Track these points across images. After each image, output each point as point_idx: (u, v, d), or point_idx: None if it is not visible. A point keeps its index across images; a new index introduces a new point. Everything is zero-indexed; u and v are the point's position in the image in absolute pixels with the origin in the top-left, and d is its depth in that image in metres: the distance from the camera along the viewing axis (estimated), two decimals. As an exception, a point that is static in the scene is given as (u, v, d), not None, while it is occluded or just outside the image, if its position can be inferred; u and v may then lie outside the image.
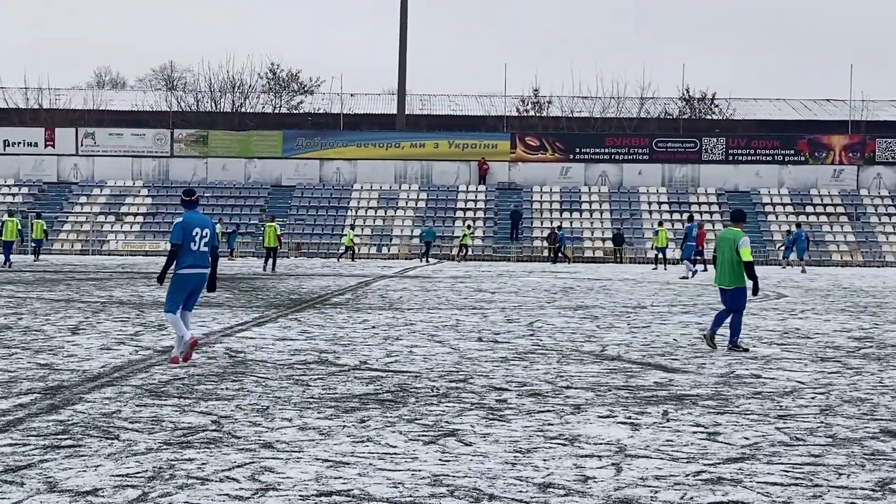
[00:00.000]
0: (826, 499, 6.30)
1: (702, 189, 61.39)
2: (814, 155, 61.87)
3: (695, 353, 13.59)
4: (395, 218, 59.71)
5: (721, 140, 62.73)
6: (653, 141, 63.05)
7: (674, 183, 62.00)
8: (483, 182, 62.52)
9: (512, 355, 13.14)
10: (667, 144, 62.83)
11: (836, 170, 61.63)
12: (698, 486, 6.56)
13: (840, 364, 12.73)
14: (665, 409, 9.36)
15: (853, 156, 61.80)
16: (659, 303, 23.36)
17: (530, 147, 62.83)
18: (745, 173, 61.69)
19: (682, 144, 62.85)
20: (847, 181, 61.44)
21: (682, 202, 60.41)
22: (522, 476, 6.78)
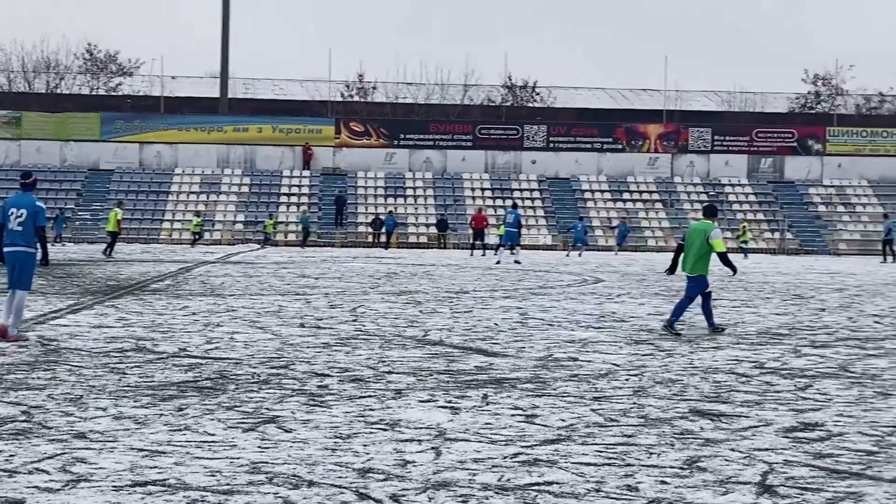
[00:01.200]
0: (637, 477, 6.47)
1: (524, 175, 62.36)
2: (631, 143, 63.53)
3: (515, 338, 13.79)
4: (218, 203, 58.82)
5: (542, 128, 63.82)
6: (476, 128, 63.71)
7: (496, 169, 62.80)
8: (307, 167, 62.14)
9: (334, 341, 13.10)
10: (490, 131, 63.58)
11: (651, 157, 63.43)
12: (515, 468, 6.66)
13: (653, 346, 13.11)
14: (485, 392, 9.47)
15: (668, 144, 63.69)
16: (481, 288, 23.64)
17: (355, 133, 62.72)
18: (565, 160, 62.92)
19: (504, 131, 63.69)
20: (662, 169, 63.30)
21: (505, 188, 61.23)
22: (342, 462, 6.76)
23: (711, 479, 6.44)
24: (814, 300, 21.29)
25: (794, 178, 63.51)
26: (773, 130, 64.96)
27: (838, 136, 64.44)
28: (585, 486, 6.26)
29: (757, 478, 6.49)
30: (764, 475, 6.55)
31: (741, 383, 10.22)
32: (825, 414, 8.66)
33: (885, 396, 9.56)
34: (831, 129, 64.93)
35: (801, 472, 6.64)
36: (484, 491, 6.13)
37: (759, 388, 9.96)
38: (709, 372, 10.95)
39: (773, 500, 6.02)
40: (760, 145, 63.93)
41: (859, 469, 6.76)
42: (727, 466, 6.77)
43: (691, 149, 63.67)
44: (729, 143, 63.96)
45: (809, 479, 6.50)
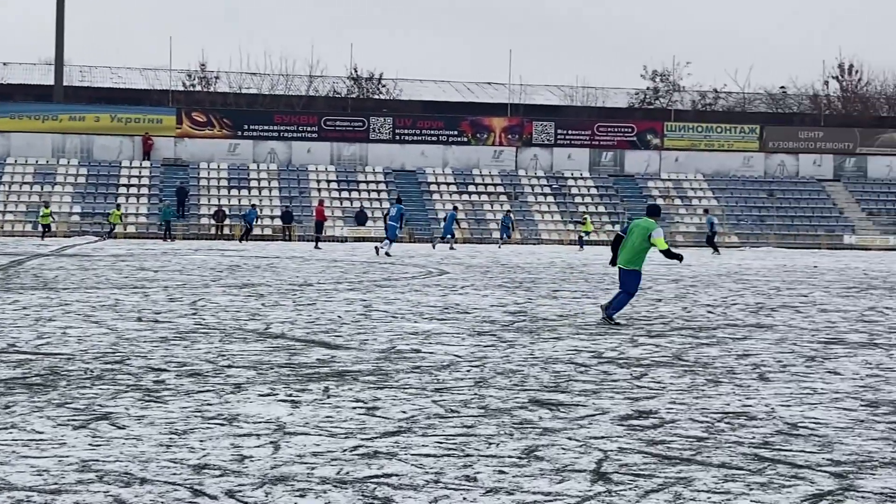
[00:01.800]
0: (476, 468, 6.50)
1: (370, 168, 62.32)
2: (476, 136, 64.11)
3: (358, 330, 13.75)
4: (53, 194, 57.17)
5: (388, 120, 63.89)
6: (321, 119, 63.42)
7: (342, 161, 62.61)
8: (147, 158, 60.93)
9: (173, 335, 12.85)
10: (335, 123, 63.35)
11: (496, 150, 64.13)
12: (355, 461, 6.62)
13: (495, 337, 13.23)
14: (326, 385, 9.40)
15: (512, 137, 64.48)
16: (325, 280, 23.52)
17: (197, 123, 61.76)
18: (411, 153, 63.12)
19: (350, 123, 63.54)
20: (506, 162, 64.06)
21: (351, 180, 61.11)
22: (177, 458, 6.62)
23: (548, 468, 6.52)
24: (651, 291, 21.79)
25: (633, 171, 65.01)
26: (614, 125, 66.39)
27: (676, 132, 66.20)
28: (424, 478, 6.26)
29: (592, 465, 6.59)
30: (599, 462, 6.66)
31: (580, 373, 10.38)
32: (659, 402, 8.86)
33: (716, 384, 9.84)
34: (669, 125, 66.68)
35: (635, 459, 6.77)
36: (322, 485, 6.08)
37: (597, 377, 10.14)
38: (549, 362, 11.09)
39: (607, 486, 6.12)
40: (602, 139, 65.25)
41: (689, 455, 6.93)
42: (564, 455, 6.85)
43: (535, 142, 64.59)
44: (571, 137, 65.11)
45: (642, 465, 6.63)
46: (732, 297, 20.33)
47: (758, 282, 25.43)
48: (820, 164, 66.92)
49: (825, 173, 66.76)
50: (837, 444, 7.31)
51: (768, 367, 10.97)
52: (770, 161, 66.63)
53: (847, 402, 9.03)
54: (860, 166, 67.31)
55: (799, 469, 6.60)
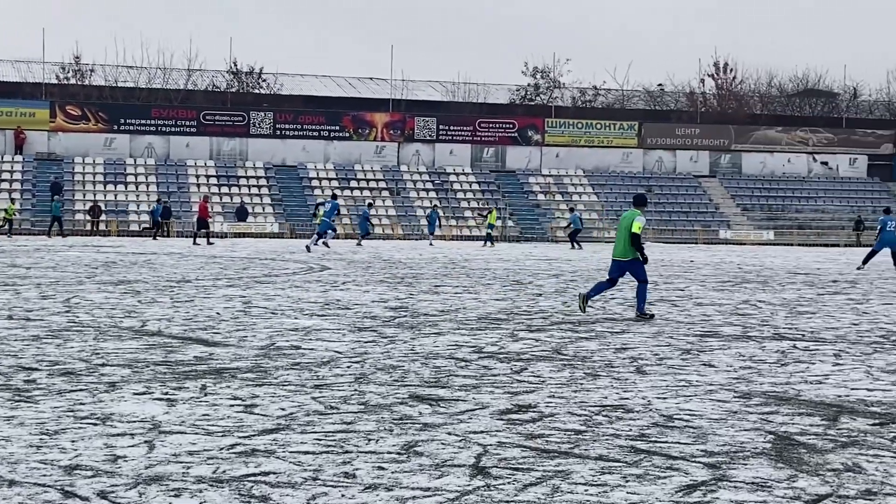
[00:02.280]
0: (355, 464, 6.47)
1: (250, 163, 61.70)
2: (358, 131, 63.93)
3: (237, 327, 13.59)
4: (-79, 189, 55.42)
5: (269, 115, 63.33)
6: (200, 113, 62.58)
7: (222, 156, 61.87)
8: (20, 152, 59.39)
9: (45, 333, 12.53)
10: (215, 117, 62.57)
11: (378, 146, 64.04)
12: (232, 460, 6.53)
13: (376, 333, 13.19)
14: (203, 383, 9.27)
15: (394, 133, 64.46)
16: (204, 276, 23.21)
17: (72, 116, 60.44)
18: (292, 148, 62.66)
19: (230, 118, 62.81)
20: (388, 157, 64.02)
21: (231, 175, 60.44)
22: (48, 459, 6.45)
23: (428, 464, 6.51)
24: (532, 286, 21.98)
25: (515, 167, 65.52)
26: (496, 121, 66.80)
27: (556, 128, 66.91)
28: (303, 475, 6.20)
29: (472, 460, 6.60)
30: (478, 457, 6.68)
31: (460, 368, 10.40)
32: (538, 395, 8.93)
33: (594, 377, 9.95)
34: (550, 121, 67.36)
35: (514, 453, 6.80)
36: (198, 484, 5.98)
37: (478, 372, 10.17)
38: (429, 357, 11.10)
39: (486, 481, 6.13)
40: (483, 135, 65.61)
41: (568, 448, 6.99)
42: (443, 450, 6.86)
43: (417, 138, 64.67)
44: (453, 132, 65.34)
45: (521, 459, 6.66)
46: (611, 292, 20.60)
47: (636, 276, 25.79)
48: (696, 161, 68.29)
49: (701, 169, 68.16)
50: (711, 436, 7.45)
51: (645, 361, 11.14)
52: (648, 157, 67.78)
53: (721, 393, 9.21)
54: (735, 162, 68.86)
55: (674, 460, 6.71)
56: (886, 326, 15.09)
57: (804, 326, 14.90)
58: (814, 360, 11.38)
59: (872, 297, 20.72)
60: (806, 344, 12.85)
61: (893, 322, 15.77)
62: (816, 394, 9.27)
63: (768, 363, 11.12)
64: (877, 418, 8.22)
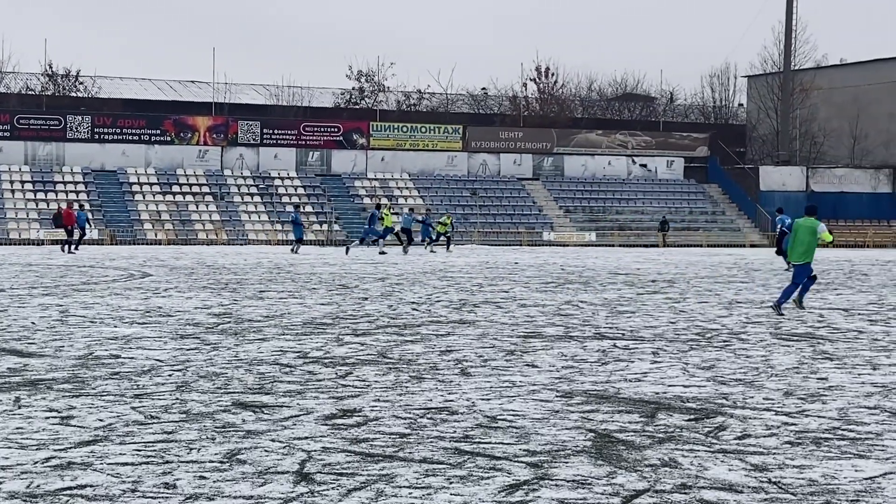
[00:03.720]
0: (175, 474, 6.34)
1: (67, 168, 59.96)
2: (179, 135, 62.81)
3: (53, 337, 13.17)
4: None
5: (87, 118, 61.67)
6: (14, 117, 60.51)
7: (38, 161, 59.96)
8: None
9: None
10: (29, 121, 60.60)
11: (201, 150, 63.03)
12: (47, 473, 6.33)
13: (199, 340, 12.97)
14: (17, 395, 8.96)
15: (217, 137, 63.55)
16: (19, 285, 22.44)
17: None
18: (111, 152, 61.16)
19: (45, 121, 60.92)
20: (212, 161, 63.07)
21: (48, 181, 58.62)
22: None
23: (251, 471, 6.43)
24: (358, 290, 21.96)
25: (340, 171, 65.36)
26: (320, 125, 66.51)
27: (381, 132, 67.02)
28: (121, 487, 6.05)
29: (295, 466, 6.55)
30: (302, 463, 6.63)
31: (285, 373, 10.32)
32: (363, 400, 8.92)
33: (419, 380, 10.00)
34: (374, 125, 67.42)
35: (339, 458, 6.78)
36: (11, 499, 5.78)
37: (303, 377, 10.11)
38: (253, 364, 10.97)
39: (310, 487, 6.10)
40: (308, 139, 65.26)
41: (392, 451, 7.00)
42: (267, 457, 6.79)
43: (241, 142, 63.90)
44: (278, 136, 64.80)
45: (346, 464, 6.64)
46: (437, 294, 20.75)
47: (461, 279, 26.08)
48: (520, 164, 69.33)
49: (525, 172, 69.23)
50: (534, 435, 7.57)
51: (470, 363, 11.25)
52: (473, 160, 68.49)
53: (543, 393, 9.37)
54: (557, 165, 70.18)
55: (497, 461, 6.79)
56: (702, 324, 15.61)
57: (624, 325, 15.29)
58: (633, 359, 11.69)
59: (689, 295, 21.41)
60: (626, 343, 13.19)
61: (708, 320, 16.32)
62: (635, 391, 9.52)
63: (589, 362, 11.37)
64: (692, 414, 8.49)
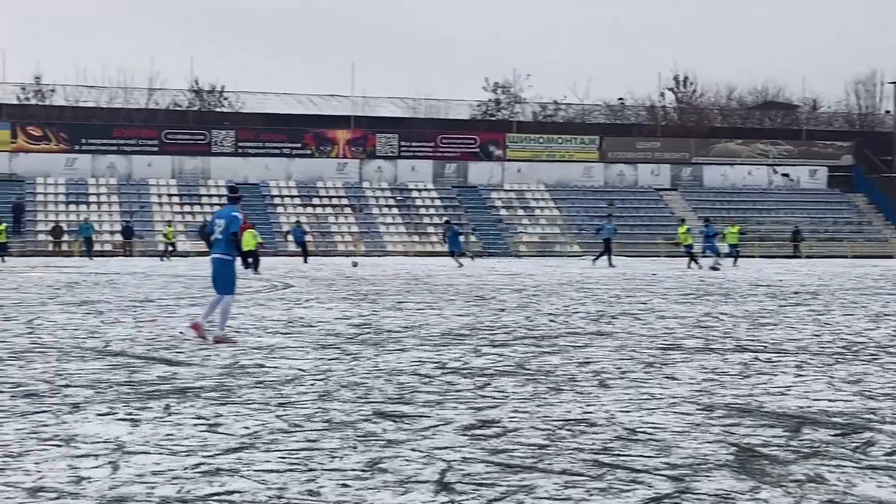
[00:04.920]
0: (319, 482, 6.48)
1: (212, 181, 61.51)
2: (319, 148, 63.90)
3: (200, 346, 13.55)
4: None
5: (231, 133, 63.20)
6: (162, 132, 62.37)
7: (184, 175, 61.65)
8: (-20, 173, 59.00)
9: (7, 355, 12.45)
10: (177, 136, 62.37)
11: (340, 163, 64.02)
12: (196, 479, 6.53)
13: (340, 350, 13.19)
14: (167, 403, 9.25)
15: (356, 150, 64.47)
16: (167, 296, 23.12)
17: (33, 137, 60.08)
18: (254, 165, 62.53)
19: (191, 136, 62.63)
20: (350, 174, 64.00)
21: (193, 194, 60.23)
22: (11, 482, 6.42)
23: (392, 480, 6.53)
24: (494, 301, 22.04)
25: (477, 182, 65.65)
26: (457, 137, 66.95)
27: (518, 143, 67.14)
28: (267, 493, 6.21)
29: (435, 476, 6.63)
30: (442, 473, 6.71)
31: (424, 384, 10.43)
32: (502, 411, 8.96)
33: (557, 392, 10.00)
34: (511, 136, 67.58)
35: (478, 469, 6.83)
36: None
37: (441, 387, 10.20)
38: (393, 374, 11.11)
39: (451, 497, 6.16)
40: (445, 151, 65.73)
41: (531, 462, 7.03)
42: (407, 466, 6.88)
43: (379, 154, 64.71)
44: (415, 148, 65.44)
45: (485, 474, 6.70)
46: (574, 306, 20.70)
47: (598, 290, 25.95)
48: (658, 174, 68.69)
49: (663, 182, 68.56)
50: (674, 448, 7.51)
51: (608, 374, 11.20)
52: (609, 171, 68.10)
53: (684, 406, 9.28)
54: (696, 175, 69.32)
55: (637, 473, 6.76)
56: (848, 337, 15.24)
57: (766, 338, 15.02)
58: (776, 372, 11.49)
59: (834, 308, 20.92)
60: (768, 355, 12.96)
61: (855, 333, 15.93)
62: (779, 405, 9.36)
63: (731, 375, 11.21)
64: (839, 429, 8.31)
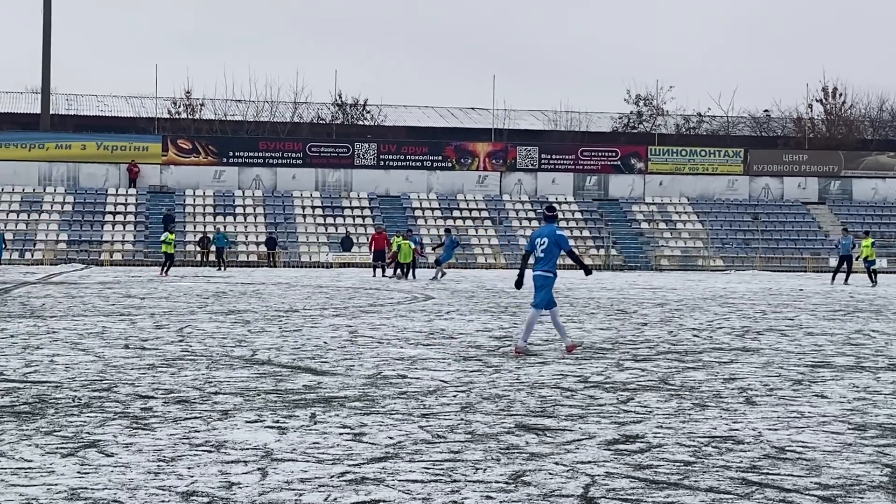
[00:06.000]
0: (463, 493, 6.52)
1: (354, 193, 62.36)
2: (460, 161, 64.25)
3: (344, 356, 13.75)
4: (40, 222, 57.11)
5: (373, 146, 63.99)
6: (306, 145, 63.48)
7: (327, 187, 62.65)
8: (133, 185, 60.90)
9: (160, 362, 12.84)
10: (320, 149, 63.43)
11: (480, 175, 64.25)
12: (342, 487, 6.64)
13: (481, 363, 13.25)
14: (313, 411, 9.41)
15: (496, 162, 64.62)
16: (311, 306, 23.52)
17: (183, 150, 61.79)
18: (395, 178, 63.21)
19: (335, 149, 63.62)
20: (491, 186, 64.17)
21: (336, 206, 61.14)
22: (165, 485, 6.62)
23: (535, 493, 6.54)
24: (636, 315, 21.84)
25: (618, 195, 65.17)
26: (598, 149, 66.57)
27: (659, 156, 66.43)
28: (412, 503, 6.27)
29: (579, 490, 6.61)
30: (586, 487, 6.68)
31: (566, 397, 10.40)
32: (645, 426, 8.89)
33: (702, 408, 9.87)
34: (653, 149, 66.91)
35: (622, 484, 6.79)
36: (310, 511, 6.09)
37: (583, 401, 10.16)
38: (535, 387, 11.11)
39: (595, 511, 6.14)
40: (586, 164, 65.43)
41: (677, 479, 6.95)
42: (551, 480, 6.88)
43: (519, 167, 64.75)
44: (555, 161, 65.29)
45: (630, 490, 6.65)
46: (718, 321, 20.38)
47: (743, 305, 25.50)
48: (804, 187, 67.19)
49: (810, 196, 67.03)
50: (825, 468, 7.35)
51: (755, 391, 11.01)
52: (754, 184, 66.88)
53: (834, 425, 9.07)
54: (845, 189, 67.59)
55: (787, 493, 6.63)
56: None
57: (918, 356, 14.57)
58: (929, 391, 11.14)
59: None
60: (920, 374, 12.57)
61: None
62: (932, 425, 9.07)
63: (884, 394, 10.91)
64: None
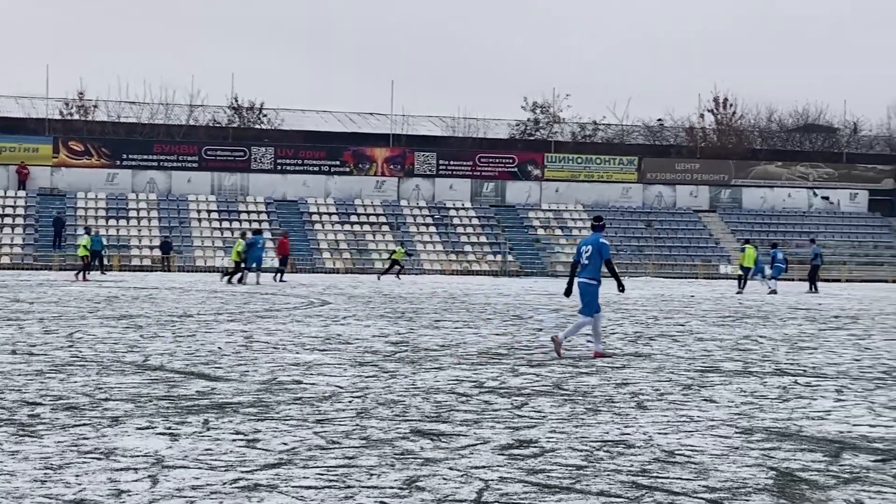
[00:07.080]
0: (357, 499, 6.50)
1: (251, 197, 61.85)
2: (358, 166, 64.14)
3: (239, 362, 13.62)
4: (-76, 224, 55.60)
5: (270, 150, 63.53)
6: (202, 149, 62.79)
7: (223, 191, 62.04)
8: (23, 188, 59.57)
9: (48, 368, 12.57)
10: (216, 153, 62.78)
11: (378, 181, 64.22)
12: (235, 494, 6.57)
13: (377, 368, 13.22)
14: (206, 417, 9.30)
15: (394, 168, 64.66)
16: (206, 311, 23.25)
17: (75, 152, 60.65)
18: (293, 182, 62.85)
19: (231, 153, 63.02)
20: (389, 192, 64.17)
21: (232, 210, 60.58)
22: (52, 493, 6.49)
23: (429, 498, 6.54)
24: (532, 320, 22.01)
25: (514, 202, 65.66)
26: (495, 156, 67.01)
27: (556, 163, 67.12)
28: (305, 510, 6.23)
29: (473, 495, 6.63)
30: (480, 492, 6.71)
31: (461, 403, 10.43)
32: (539, 431, 8.95)
33: (595, 412, 9.98)
34: (549, 156, 67.58)
35: (515, 488, 6.83)
36: (201, 519, 6.02)
37: (478, 406, 10.20)
38: (430, 392, 11.13)
39: (489, 516, 6.17)
40: (483, 170, 65.81)
41: (569, 483, 7.02)
42: (445, 485, 6.89)
43: (417, 173, 64.87)
44: (453, 167, 65.54)
45: (522, 494, 6.69)
46: (611, 327, 20.64)
47: (636, 311, 25.86)
48: (696, 195, 68.44)
49: (701, 204, 68.30)
50: (713, 471, 7.48)
51: (646, 396, 11.17)
52: (648, 192, 67.93)
53: (722, 429, 9.24)
54: (735, 197, 69.01)
55: (676, 496, 6.74)
56: (888, 362, 15.11)
57: (806, 362, 14.93)
58: (815, 396, 11.41)
59: (874, 332, 20.75)
60: (807, 380, 12.88)
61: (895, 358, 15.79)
62: (818, 430, 9.29)
63: (770, 399, 11.15)
64: (879, 454, 8.25)
